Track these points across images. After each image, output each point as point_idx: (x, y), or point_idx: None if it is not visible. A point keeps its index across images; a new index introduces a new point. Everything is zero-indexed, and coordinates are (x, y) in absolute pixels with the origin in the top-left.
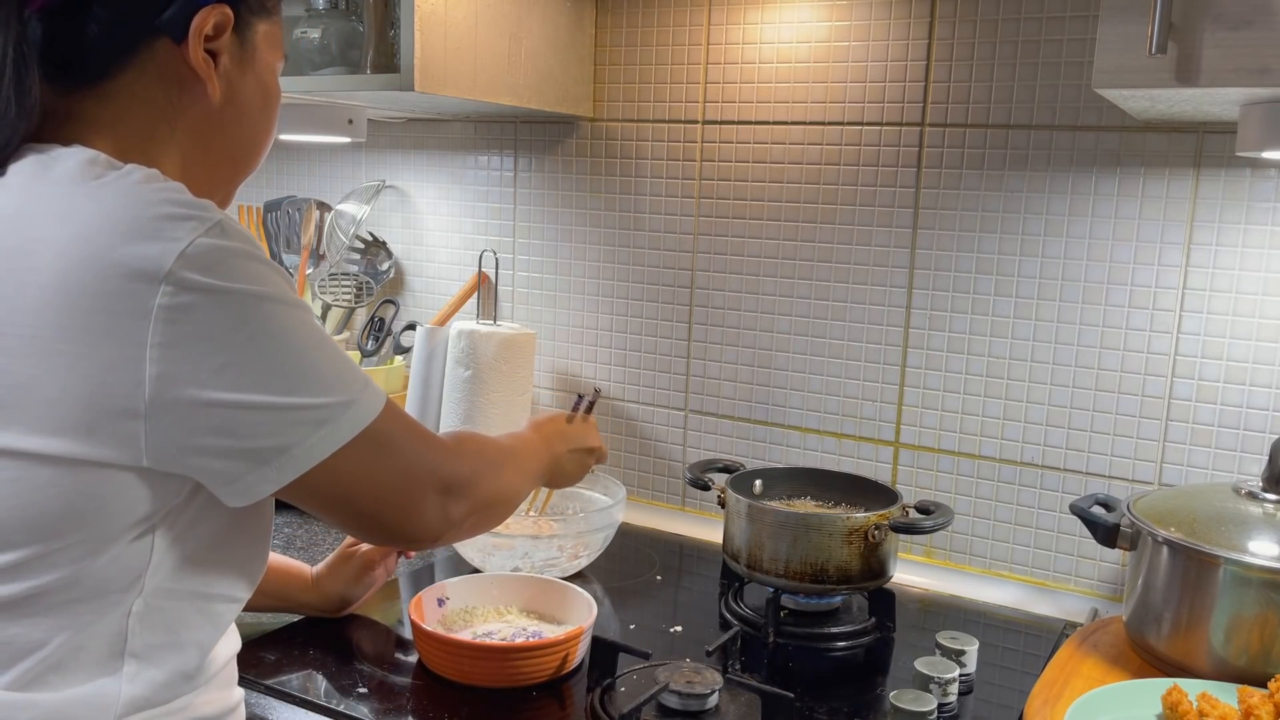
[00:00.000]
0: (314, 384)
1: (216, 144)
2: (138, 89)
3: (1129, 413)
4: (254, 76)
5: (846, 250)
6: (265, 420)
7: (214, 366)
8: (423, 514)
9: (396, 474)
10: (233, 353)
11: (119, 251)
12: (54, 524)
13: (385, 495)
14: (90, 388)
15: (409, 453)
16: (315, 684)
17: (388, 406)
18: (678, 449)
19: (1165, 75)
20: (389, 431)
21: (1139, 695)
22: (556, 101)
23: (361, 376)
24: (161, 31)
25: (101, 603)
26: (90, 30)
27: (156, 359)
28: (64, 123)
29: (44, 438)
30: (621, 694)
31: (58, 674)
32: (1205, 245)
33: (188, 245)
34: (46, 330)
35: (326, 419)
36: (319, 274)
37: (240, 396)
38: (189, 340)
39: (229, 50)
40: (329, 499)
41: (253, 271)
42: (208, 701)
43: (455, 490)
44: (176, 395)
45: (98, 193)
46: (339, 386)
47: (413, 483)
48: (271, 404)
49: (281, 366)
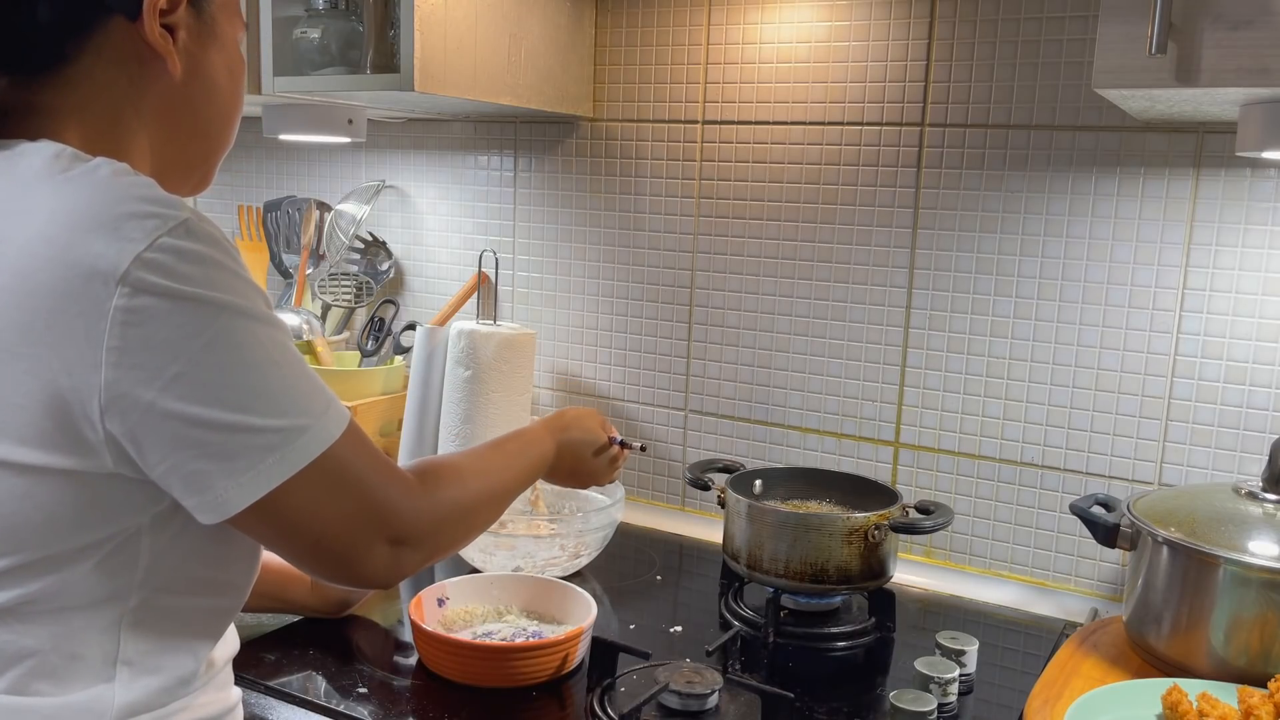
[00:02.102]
0: (266, 405)
1: (186, 122)
2: (97, 73)
3: (1129, 413)
4: (216, 49)
5: (846, 250)
6: (214, 439)
7: (168, 375)
8: (370, 559)
9: (346, 514)
10: (186, 362)
11: (78, 250)
12: (35, 533)
13: (331, 536)
14: (50, 393)
15: (364, 490)
16: (315, 684)
17: (347, 435)
18: (678, 449)
19: (1165, 75)
20: (345, 463)
21: (1139, 695)
22: (556, 101)
23: (324, 399)
24: (114, 9)
25: (92, 610)
26: (40, 13)
27: (112, 364)
28: (27, 116)
29: (11, 446)
30: (621, 694)
31: (50, 681)
32: (1205, 245)
33: (147, 246)
34: (9, 332)
35: (276, 445)
36: (319, 274)
37: (191, 410)
38: (144, 345)
39: (186, 24)
40: (273, 531)
41: (217, 279)
42: (205, 704)
43: (410, 542)
44: (131, 403)
45: (62, 188)
46: (294, 409)
47: (362, 527)
48: (220, 422)
49: (234, 382)
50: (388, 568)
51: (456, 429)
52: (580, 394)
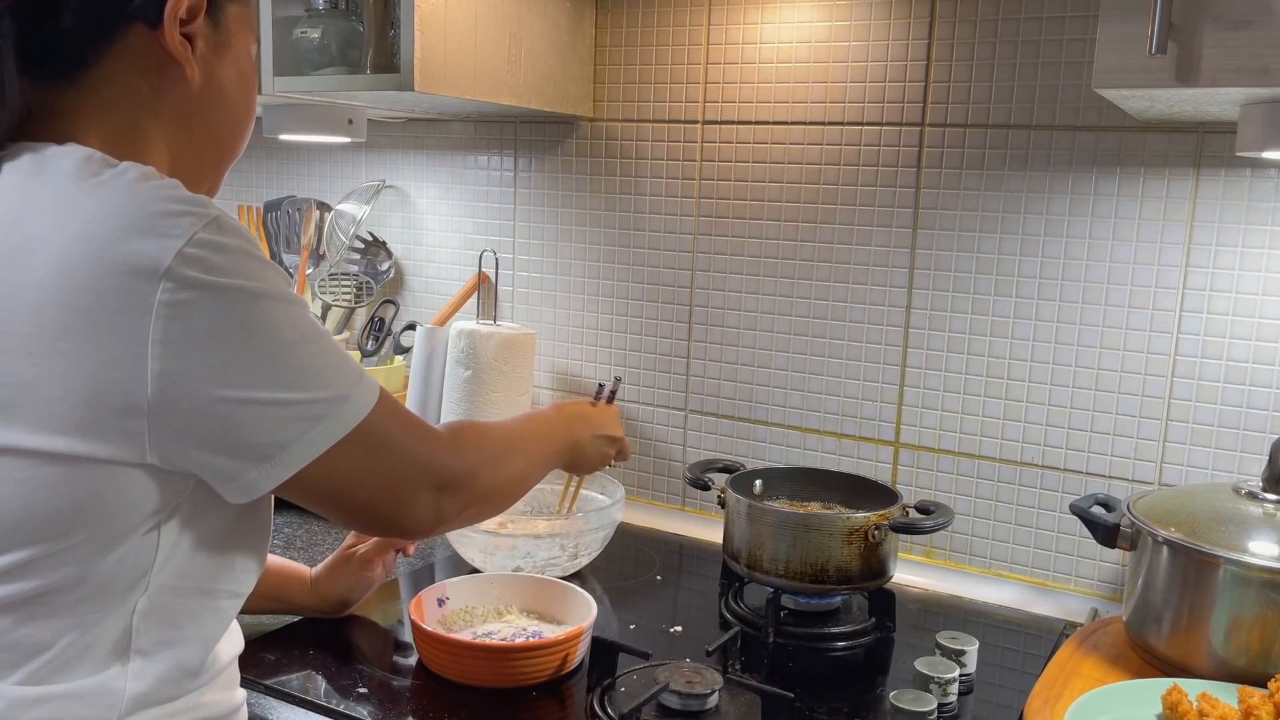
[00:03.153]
0: (310, 379)
1: (200, 129)
2: (118, 78)
3: (1129, 413)
4: (230, 58)
5: (846, 250)
6: (263, 416)
7: (216, 364)
8: (416, 509)
9: (390, 470)
10: (233, 349)
11: (119, 249)
12: (61, 523)
13: (379, 491)
14: (93, 385)
15: (403, 448)
16: (315, 684)
17: (382, 400)
18: (678, 449)
19: (1165, 75)
20: (384, 426)
21: (1139, 695)
22: (556, 101)
23: (356, 370)
24: (136, 17)
25: (108, 600)
26: (65, 20)
27: (159, 355)
28: (51, 119)
29: (48, 436)
30: (621, 694)
31: (64, 673)
32: (1205, 245)
33: (186, 242)
34: (48, 328)
35: (323, 414)
36: (319, 274)
37: (240, 393)
38: (190, 337)
39: (203, 34)
40: (324, 494)
41: (249, 268)
42: (212, 702)
43: (450, 486)
44: (179, 392)
45: (96, 191)
46: (335, 381)
47: (406, 479)
48: (269, 400)
49: (278, 362)
50: (433, 515)
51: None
52: (580, 394)
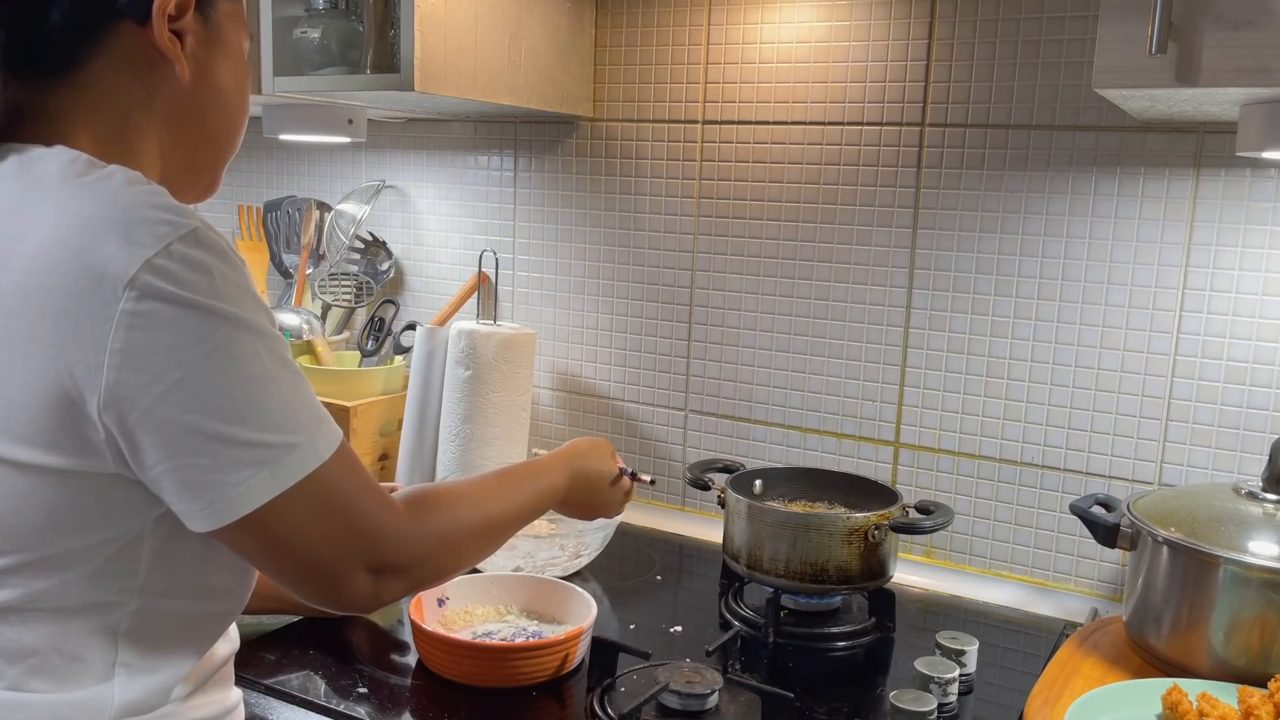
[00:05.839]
0: (261, 419)
1: (194, 126)
2: (108, 76)
3: (1129, 413)
4: (222, 55)
5: (846, 250)
6: (207, 451)
7: (169, 382)
8: (350, 587)
9: (329, 537)
10: (187, 369)
11: (90, 252)
12: (36, 533)
13: (315, 557)
14: (54, 392)
15: (351, 515)
16: (315, 684)
17: (338, 456)
18: (678, 449)
19: (1165, 75)
20: (333, 484)
21: (1139, 695)
22: (556, 101)
23: (316, 417)
24: (124, 14)
25: (89, 614)
26: (53, 17)
27: (115, 366)
28: (40, 119)
29: (15, 445)
30: (621, 694)
31: (51, 679)
32: (1205, 245)
33: (157, 252)
34: (16, 330)
35: (267, 460)
36: (319, 274)
37: (187, 418)
38: (147, 350)
39: (194, 30)
40: (258, 547)
41: (222, 289)
42: (205, 704)
43: (392, 570)
44: (129, 405)
45: (79, 193)
46: (287, 425)
47: (347, 552)
48: (214, 434)
49: (230, 395)
50: (368, 595)
51: (456, 429)
52: (580, 394)
